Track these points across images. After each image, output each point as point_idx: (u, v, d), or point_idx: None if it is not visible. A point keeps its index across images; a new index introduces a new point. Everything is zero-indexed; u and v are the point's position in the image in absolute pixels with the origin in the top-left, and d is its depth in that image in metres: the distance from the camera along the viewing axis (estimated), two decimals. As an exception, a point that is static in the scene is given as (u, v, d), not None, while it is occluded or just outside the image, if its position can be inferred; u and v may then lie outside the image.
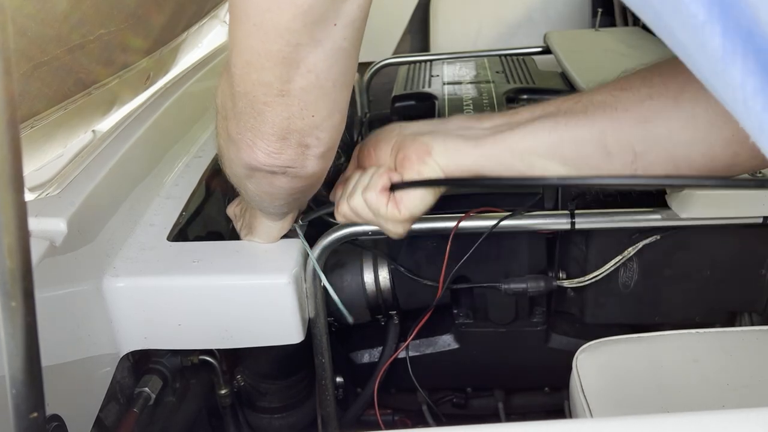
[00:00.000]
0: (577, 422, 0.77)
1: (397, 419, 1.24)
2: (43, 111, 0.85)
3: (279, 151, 0.63)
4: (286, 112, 0.60)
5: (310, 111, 0.60)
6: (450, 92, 1.49)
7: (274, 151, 0.63)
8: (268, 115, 0.60)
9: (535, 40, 1.80)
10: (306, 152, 0.64)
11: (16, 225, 0.39)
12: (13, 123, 0.38)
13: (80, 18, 0.81)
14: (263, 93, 0.59)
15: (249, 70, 0.58)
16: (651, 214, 0.91)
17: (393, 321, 1.11)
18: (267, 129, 0.61)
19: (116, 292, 0.83)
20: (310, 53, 0.56)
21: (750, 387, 0.84)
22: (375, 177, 0.73)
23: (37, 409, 0.43)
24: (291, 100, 0.59)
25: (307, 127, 0.61)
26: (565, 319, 1.14)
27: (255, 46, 0.56)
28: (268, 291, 0.84)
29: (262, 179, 0.69)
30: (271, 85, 0.58)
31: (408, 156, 0.72)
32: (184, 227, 0.99)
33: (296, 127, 0.61)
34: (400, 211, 0.73)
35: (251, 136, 0.63)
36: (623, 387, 0.85)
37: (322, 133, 0.63)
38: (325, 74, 0.58)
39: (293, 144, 0.63)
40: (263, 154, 0.63)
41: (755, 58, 0.35)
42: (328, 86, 0.59)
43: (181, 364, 0.97)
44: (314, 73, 0.57)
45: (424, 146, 0.71)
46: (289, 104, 0.59)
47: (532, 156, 0.67)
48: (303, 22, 0.54)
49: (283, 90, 0.58)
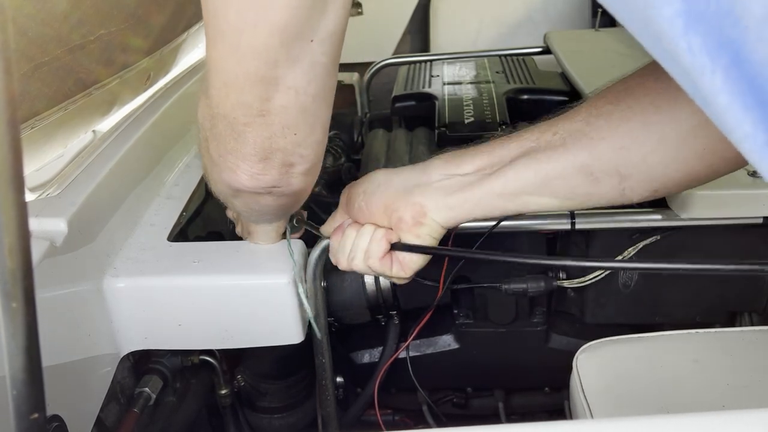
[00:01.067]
0: (577, 423, 0.77)
1: (397, 419, 1.24)
2: (43, 111, 0.85)
3: (262, 172, 0.62)
4: (267, 131, 0.58)
5: (292, 129, 0.59)
6: (450, 92, 1.49)
7: (257, 173, 0.62)
8: (248, 136, 0.59)
9: (535, 40, 1.80)
10: (290, 171, 0.63)
11: (16, 225, 0.39)
12: (14, 123, 0.38)
13: (80, 18, 0.81)
14: (243, 114, 0.58)
15: (227, 92, 0.57)
16: (651, 214, 0.91)
17: (393, 321, 1.11)
18: (248, 150, 0.60)
19: (116, 292, 0.83)
20: (288, 71, 0.55)
21: (750, 387, 0.84)
22: (374, 243, 0.74)
23: (38, 410, 0.43)
24: (271, 119, 0.58)
25: (289, 146, 0.60)
26: (565, 319, 1.14)
27: (232, 67, 0.55)
28: (268, 291, 0.84)
29: (248, 198, 0.68)
30: (251, 105, 0.57)
31: (403, 218, 0.72)
32: (184, 227, 0.99)
33: (278, 146, 0.60)
34: (405, 271, 0.74)
35: (233, 159, 0.61)
36: (623, 387, 0.85)
37: (306, 150, 0.62)
38: (304, 90, 0.57)
39: (276, 164, 0.61)
40: (246, 177, 0.62)
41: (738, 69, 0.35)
42: (308, 102, 0.58)
43: (181, 364, 0.97)
44: (293, 90, 0.56)
45: (418, 207, 0.71)
46: (270, 123, 0.58)
47: (523, 196, 0.68)
48: (280, 39, 0.53)
49: (262, 110, 0.57)
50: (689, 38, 0.35)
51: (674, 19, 0.35)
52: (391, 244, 0.73)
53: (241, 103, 0.57)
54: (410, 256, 0.74)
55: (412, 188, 0.73)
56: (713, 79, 0.35)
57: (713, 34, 0.35)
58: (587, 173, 0.65)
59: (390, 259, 0.74)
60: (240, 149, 0.60)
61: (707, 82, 0.36)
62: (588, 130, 0.64)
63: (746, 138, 0.36)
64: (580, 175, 0.65)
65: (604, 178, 0.64)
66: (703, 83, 0.36)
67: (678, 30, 0.35)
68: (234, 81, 0.56)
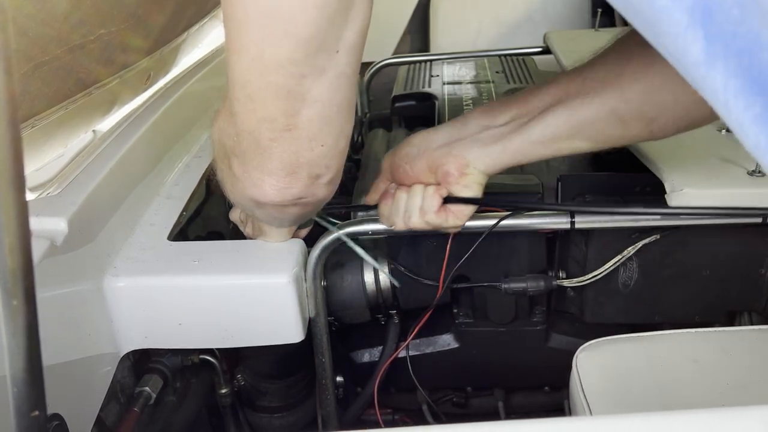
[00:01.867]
0: (577, 420, 0.77)
1: (397, 418, 1.24)
2: (43, 111, 0.85)
3: (289, 185, 0.62)
4: (293, 146, 0.58)
5: (318, 141, 0.59)
6: (450, 92, 1.49)
7: (284, 187, 0.62)
8: (275, 151, 0.59)
9: (535, 40, 1.80)
10: (316, 182, 0.63)
11: (17, 224, 0.40)
12: (14, 123, 0.39)
13: (80, 18, 0.81)
14: (269, 129, 0.57)
15: (253, 107, 0.56)
16: (651, 214, 0.91)
17: (393, 320, 1.11)
18: (275, 165, 0.60)
19: (117, 291, 0.83)
20: (314, 83, 0.55)
21: (750, 386, 0.84)
22: (428, 200, 0.79)
23: (38, 408, 0.43)
24: (298, 133, 0.57)
25: (315, 158, 0.60)
26: (565, 319, 1.14)
27: (256, 81, 0.55)
28: (269, 290, 0.84)
29: (272, 210, 0.68)
30: (277, 120, 0.56)
31: (449, 171, 0.78)
32: (184, 227, 0.99)
33: (305, 160, 0.60)
34: (461, 219, 0.82)
35: (258, 174, 0.61)
36: (623, 386, 0.85)
37: (331, 160, 0.62)
38: (329, 102, 0.57)
39: (303, 177, 0.61)
40: (273, 191, 0.62)
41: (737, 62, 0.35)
42: (333, 114, 0.58)
43: (181, 364, 0.97)
44: (320, 103, 0.56)
45: (461, 159, 0.77)
46: (297, 138, 0.58)
47: (558, 142, 0.73)
48: (305, 52, 0.52)
49: (289, 124, 0.57)
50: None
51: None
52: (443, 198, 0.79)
53: (267, 118, 0.57)
54: (460, 205, 0.80)
55: (453, 143, 0.78)
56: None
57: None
58: (617, 117, 0.68)
59: (445, 211, 0.80)
60: (266, 164, 0.60)
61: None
62: (618, 73, 0.67)
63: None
64: (611, 120, 0.69)
65: (633, 121, 0.68)
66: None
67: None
68: (259, 95, 0.55)
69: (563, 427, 0.56)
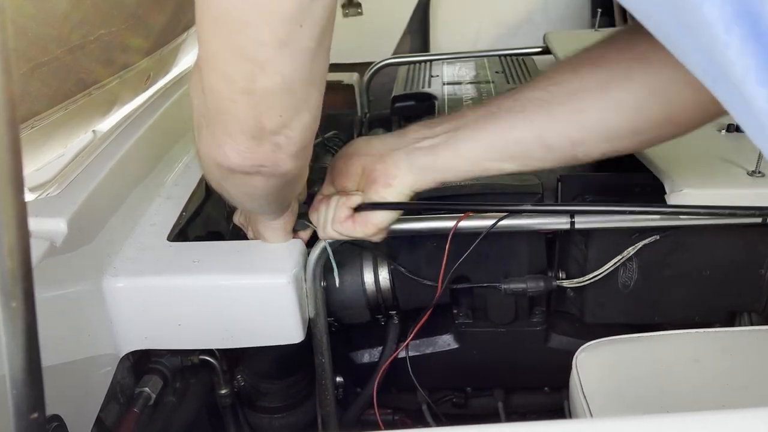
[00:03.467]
0: (576, 422, 0.77)
1: (397, 419, 1.24)
2: (43, 111, 0.85)
3: (250, 150, 0.62)
4: (252, 111, 0.59)
5: (277, 111, 0.59)
6: (450, 92, 1.49)
7: (244, 150, 0.62)
8: (235, 113, 0.59)
9: (535, 40, 1.80)
10: (277, 152, 0.63)
11: (16, 225, 0.40)
12: (13, 123, 0.39)
13: (80, 18, 0.81)
14: (228, 89, 0.58)
15: (215, 63, 0.57)
16: (651, 215, 0.91)
17: (393, 321, 1.11)
18: (236, 128, 0.60)
19: (116, 292, 0.83)
20: (274, 54, 0.55)
21: (750, 387, 0.84)
22: (337, 210, 0.80)
23: (38, 409, 0.43)
24: (256, 99, 0.58)
25: (275, 127, 0.60)
26: (564, 319, 1.14)
27: (218, 41, 0.55)
28: (268, 291, 0.84)
29: (239, 180, 0.68)
30: (236, 81, 0.57)
31: (376, 180, 0.78)
32: (184, 227, 0.99)
33: (264, 126, 0.60)
34: (369, 228, 0.80)
35: (221, 136, 0.62)
36: (623, 387, 0.85)
37: (292, 132, 0.62)
38: (291, 75, 0.57)
39: (263, 143, 0.62)
40: (234, 154, 0.62)
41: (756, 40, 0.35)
42: (295, 87, 0.58)
43: (181, 364, 0.97)
44: (280, 75, 0.56)
45: (391, 169, 0.77)
46: (255, 103, 0.58)
47: (484, 161, 0.74)
48: (267, 21, 0.52)
49: (247, 88, 0.57)
50: None
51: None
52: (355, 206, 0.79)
53: (226, 77, 0.57)
54: (373, 214, 0.79)
55: (389, 152, 0.78)
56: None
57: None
58: (542, 140, 0.70)
59: (353, 221, 0.80)
60: (228, 126, 0.61)
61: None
62: (547, 96, 0.70)
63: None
64: (536, 142, 0.71)
65: (557, 146, 0.70)
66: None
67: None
68: (220, 54, 0.56)
69: (563, 429, 0.56)
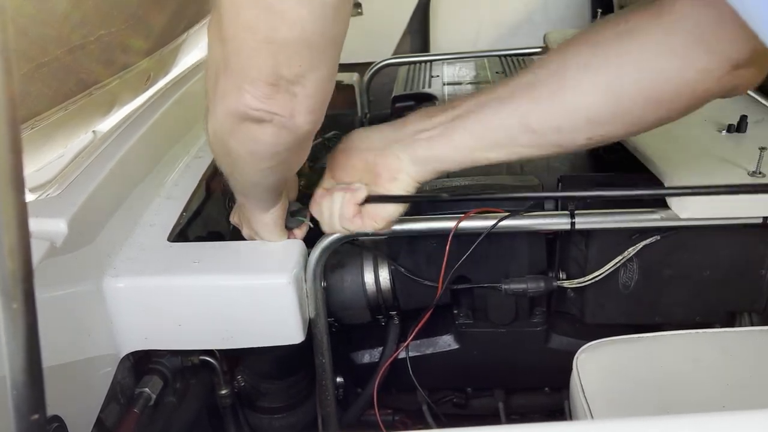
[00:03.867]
0: (577, 424, 0.77)
1: (397, 419, 1.24)
2: (43, 111, 0.85)
3: (268, 96, 0.62)
4: (272, 59, 0.60)
5: (296, 61, 0.60)
6: (450, 93, 1.49)
7: (262, 95, 0.62)
8: (255, 60, 0.60)
9: (535, 40, 1.80)
10: (294, 101, 0.64)
11: (16, 226, 0.39)
12: (14, 123, 0.38)
13: (81, 19, 0.81)
14: (250, 37, 0.59)
15: (237, 11, 0.58)
16: (651, 215, 0.91)
17: (393, 321, 1.11)
18: (255, 74, 0.61)
19: (117, 292, 0.83)
20: (295, 4, 0.56)
21: (750, 387, 0.84)
22: (344, 206, 0.80)
23: (38, 410, 0.43)
24: (276, 48, 0.59)
25: (293, 77, 0.61)
26: (565, 320, 1.14)
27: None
28: (269, 291, 0.84)
29: (247, 132, 0.68)
30: (257, 29, 0.58)
31: (381, 174, 0.79)
32: (184, 227, 0.99)
33: (283, 75, 0.61)
34: (379, 223, 0.81)
35: (240, 81, 0.63)
36: (623, 387, 0.85)
37: (309, 83, 0.63)
38: (311, 28, 0.58)
39: (282, 91, 0.62)
40: (252, 97, 0.63)
41: None
42: (314, 40, 0.59)
43: (181, 365, 0.97)
44: (300, 27, 0.58)
45: (395, 163, 0.78)
46: (275, 52, 0.59)
47: (473, 151, 0.75)
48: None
49: (268, 37, 0.58)
50: None
51: None
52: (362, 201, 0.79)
53: (248, 25, 0.58)
54: (382, 208, 0.80)
55: (389, 145, 0.78)
56: None
57: None
58: (526, 125, 0.70)
59: (361, 218, 0.80)
60: (247, 72, 0.62)
61: None
62: (533, 79, 0.70)
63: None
64: (520, 128, 0.71)
65: (542, 130, 0.70)
66: None
67: None
68: (244, 3, 0.57)
69: (564, 430, 0.56)
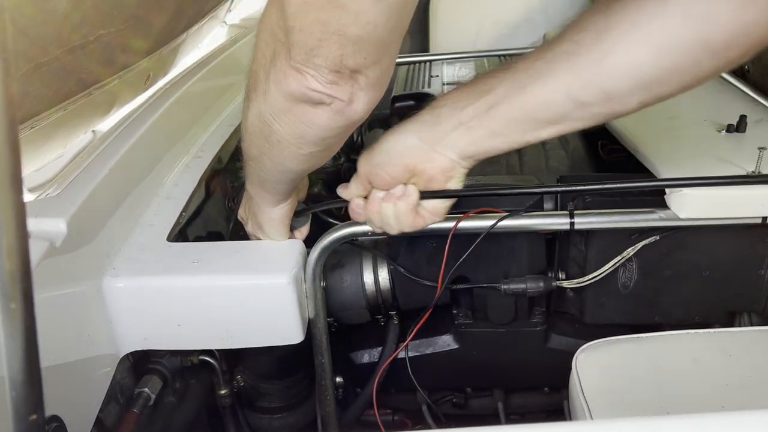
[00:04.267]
0: (576, 425, 0.77)
1: (396, 419, 1.24)
2: (43, 111, 0.85)
3: (331, 81, 0.63)
4: (340, 50, 0.60)
5: (362, 54, 0.61)
6: (450, 92, 1.49)
7: (327, 81, 0.63)
8: (322, 50, 0.61)
9: (535, 40, 1.80)
10: (355, 87, 0.65)
11: (15, 226, 0.39)
12: (14, 123, 0.38)
13: (80, 19, 0.81)
14: (320, 31, 0.59)
15: (308, 9, 0.59)
16: (650, 214, 0.91)
17: (393, 321, 1.11)
18: (320, 62, 0.62)
19: (116, 292, 0.83)
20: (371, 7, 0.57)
21: (750, 387, 0.84)
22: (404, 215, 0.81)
23: (37, 411, 0.43)
24: (345, 41, 0.60)
25: (357, 66, 0.63)
26: (564, 320, 1.14)
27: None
28: (268, 291, 0.84)
29: (302, 115, 0.68)
30: (329, 24, 0.59)
31: (435, 177, 0.79)
32: (184, 227, 0.99)
33: (348, 65, 0.62)
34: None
35: (303, 65, 0.63)
36: (623, 387, 0.85)
37: (372, 73, 0.64)
38: (383, 25, 0.59)
39: (346, 77, 0.63)
40: (315, 80, 0.63)
41: None
42: (384, 35, 0.61)
43: (181, 365, 0.97)
44: (373, 25, 0.58)
45: (446, 163, 0.78)
46: (344, 44, 0.60)
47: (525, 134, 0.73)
48: None
49: (339, 30, 0.59)
50: None
51: None
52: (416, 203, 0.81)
53: (319, 21, 0.59)
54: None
55: (433, 146, 0.78)
56: None
57: None
58: (572, 98, 0.68)
59: (420, 216, 0.82)
60: (312, 59, 0.62)
61: None
62: (572, 47, 0.67)
63: None
64: (566, 101, 0.68)
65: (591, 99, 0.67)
66: None
67: None
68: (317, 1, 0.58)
69: (563, 430, 0.56)
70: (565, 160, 1.22)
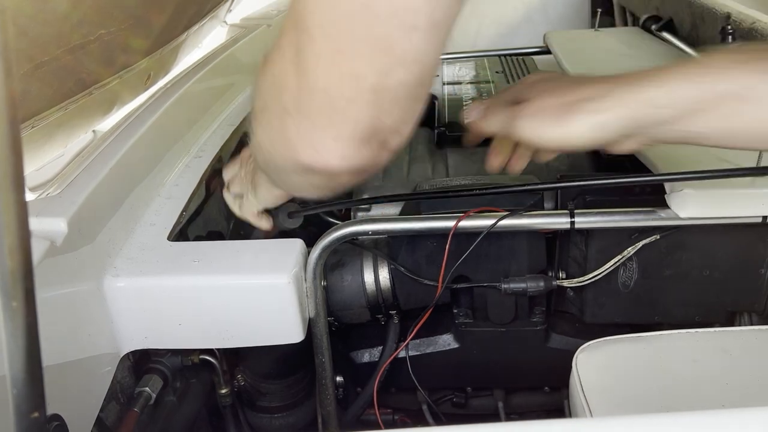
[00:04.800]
0: (577, 422, 0.77)
1: (397, 419, 1.24)
2: (43, 111, 0.85)
3: (355, 154, 0.51)
4: (374, 110, 0.48)
5: (401, 106, 0.50)
6: (450, 92, 1.49)
7: (349, 155, 0.51)
8: (350, 114, 0.49)
9: (535, 40, 1.80)
10: (383, 150, 0.53)
11: (17, 225, 0.40)
12: (14, 123, 0.39)
13: (81, 18, 0.81)
14: (350, 88, 0.47)
15: (338, 61, 0.46)
16: (651, 214, 0.91)
17: (393, 320, 1.11)
18: (346, 131, 0.50)
19: (117, 291, 0.83)
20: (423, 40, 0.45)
21: (750, 387, 0.84)
22: None
23: (38, 409, 0.43)
24: (383, 96, 0.48)
25: (393, 124, 0.51)
26: (564, 319, 1.14)
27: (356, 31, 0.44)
28: (269, 290, 0.84)
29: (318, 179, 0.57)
30: (364, 78, 0.46)
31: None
32: (184, 227, 0.99)
33: (381, 126, 0.50)
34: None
35: (321, 138, 0.51)
36: (623, 387, 0.85)
37: (407, 126, 0.52)
38: (431, 62, 0.47)
39: (374, 145, 0.51)
40: (336, 159, 0.51)
41: None
42: (427, 76, 0.49)
43: (181, 364, 0.97)
44: (421, 64, 0.46)
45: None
46: (380, 101, 0.48)
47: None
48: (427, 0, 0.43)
49: (377, 84, 0.47)
50: None
51: None
52: None
53: (352, 75, 0.46)
54: None
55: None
56: None
57: None
58: None
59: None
60: (335, 128, 0.50)
61: None
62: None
63: None
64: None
65: None
66: None
67: None
68: (353, 48, 0.45)
69: (563, 429, 0.56)
70: (565, 159, 1.22)
